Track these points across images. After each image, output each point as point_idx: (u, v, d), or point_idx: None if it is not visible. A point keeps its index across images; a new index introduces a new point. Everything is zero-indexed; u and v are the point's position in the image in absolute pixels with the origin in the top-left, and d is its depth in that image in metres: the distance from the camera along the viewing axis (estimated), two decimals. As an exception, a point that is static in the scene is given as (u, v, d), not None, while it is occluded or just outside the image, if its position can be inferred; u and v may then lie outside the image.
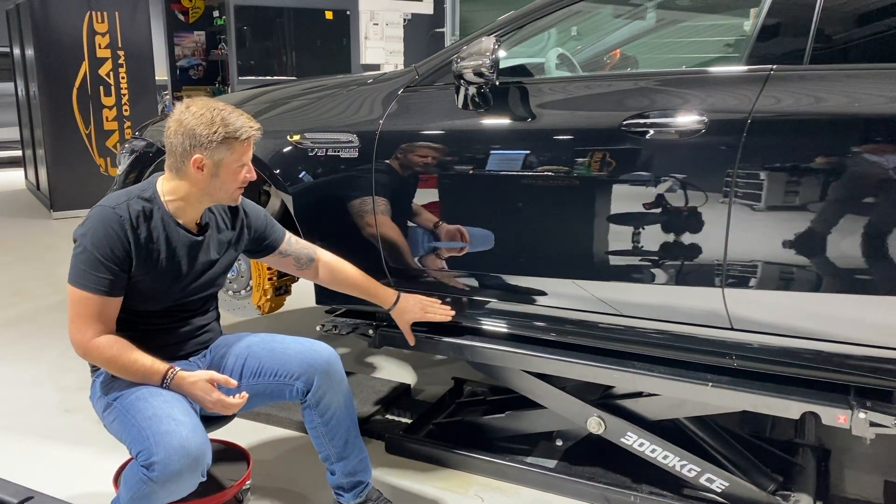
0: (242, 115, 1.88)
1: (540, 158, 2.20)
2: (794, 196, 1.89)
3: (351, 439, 2.08)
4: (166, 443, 1.65)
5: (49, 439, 2.74)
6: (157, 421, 1.70)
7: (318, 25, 8.04)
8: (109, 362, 1.82)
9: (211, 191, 1.90)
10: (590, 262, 2.17)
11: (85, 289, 1.79)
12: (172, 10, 8.77)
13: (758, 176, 1.91)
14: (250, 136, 1.87)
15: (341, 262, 2.31)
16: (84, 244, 1.80)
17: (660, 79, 2.15)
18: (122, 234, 1.81)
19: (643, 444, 2.26)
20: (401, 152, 2.38)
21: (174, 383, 1.82)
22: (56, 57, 6.42)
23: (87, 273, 1.79)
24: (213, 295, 2.10)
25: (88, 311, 1.80)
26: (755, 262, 1.96)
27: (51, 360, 3.44)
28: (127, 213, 1.83)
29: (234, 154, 1.85)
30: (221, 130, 1.82)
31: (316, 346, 2.05)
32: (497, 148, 2.27)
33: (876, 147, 1.81)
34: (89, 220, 1.83)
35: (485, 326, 2.41)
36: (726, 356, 2.08)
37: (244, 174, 1.91)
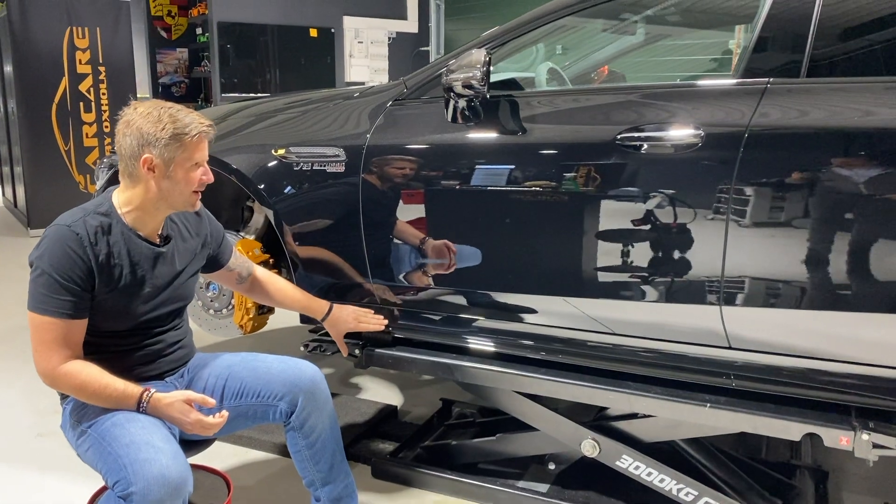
0: (193, 112, 1.81)
1: (532, 173, 2.15)
2: (794, 212, 1.84)
3: (336, 463, 2.00)
4: (145, 472, 1.56)
5: (21, 465, 2.63)
6: (136, 448, 1.60)
7: (303, 43, 8.00)
8: (80, 389, 1.72)
9: (166, 195, 1.80)
10: (585, 279, 2.11)
11: (46, 313, 1.69)
12: (155, 26, 8.71)
13: (756, 190, 1.86)
14: (201, 132, 1.77)
15: (273, 275, 2.32)
16: (41, 267, 1.70)
17: (655, 92, 2.11)
18: (80, 253, 1.71)
19: (639, 468, 2.19)
20: (389, 167, 2.31)
21: (150, 406, 1.73)
22: (35, 72, 6.32)
23: (48, 297, 1.69)
24: (181, 308, 2.00)
25: (52, 336, 1.70)
26: (754, 280, 1.91)
27: (24, 382, 3.32)
28: (84, 230, 1.73)
29: (185, 152, 1.76)
30: (170, 127, 1.73)
31: (300, 364, 1.97)
32: (487, 162, 2.22)
33: (874, 161, 1.77)
34: (45, 241, 1.73)
35: (474, 345, 2.34)
36: (724, 376, 2.03)
37: (199, 175, 1.82)
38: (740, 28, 4.13)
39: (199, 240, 2.01)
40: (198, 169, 1.81)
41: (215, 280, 2.34)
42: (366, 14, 8.15)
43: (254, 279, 2.24)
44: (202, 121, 1.79)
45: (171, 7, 8.76)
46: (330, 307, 2.31)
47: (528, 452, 2.47)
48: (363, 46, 8.13)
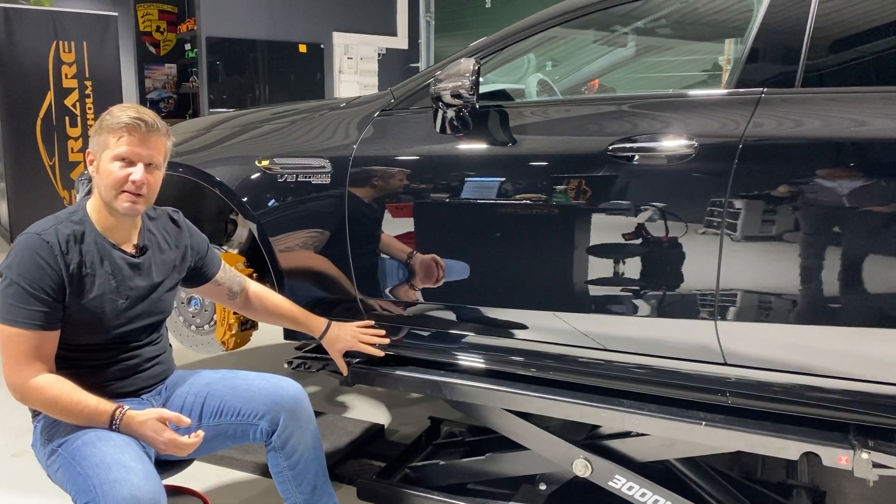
0: (138, 109, 1.74)
1: (522, 184, 2.10)
2: (789, 224, 1.80)
3: (319, 485, 1.92)
4: (115, 493, 1.49)
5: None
6: (106, 468, 1.53)
7: (292, 59, 7.97)
8: (50, 405, 1.64)
9: (101, 192, 1.74)
10: (577, 293, 2.05)
11: (16, 325, 1.63)
12: (143, 42, 8.68)
13: (751, 202, 1.82)
14: (129, 123, 1.69)
15: (269, 291, 2.23)
16: (10, 276, 1.64)
17: (647, 102, 2.07)
18: (51, 262, 1.65)
19: (632, 488, 2.12)
20: (375, 178, 2.26)
21: (123, 424, 1.65)
22: (20, 86, 6.24)
23: (17, 308, 1.63)
24: (159, 322, 1.93)
25: (22, 349, 1.63)
26: (749, 294, 1.86)
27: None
28: (55, 239, 1.67)
29: (107, 142, 1.71)
30: (105, 118, 1.73)
31: (282, 382, 1.90)
32: (476, 174, 2.17)
33: (870, 173, 1.73)
34: (14, 250, 1.67)
35: (464, 362, 2.27)
36: (719, 393, 1.97)
37: (122, 173, 1.70)
38: (730, 42, 4.12)
39: (178, 252, 1.94)
40: (124, 164, 1.71)
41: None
42: (356, 30, 8.15)
43: (247, 295, 2.16)
44: (138, 114, 1.72)
45: (160, 22, 8.74)
46: (328, 324, 2.24)
47: (518, 472, 2.40)
48: (353, 62, 8.12)
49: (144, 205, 1.77)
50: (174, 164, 2.53)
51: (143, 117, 1.72)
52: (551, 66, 3.42)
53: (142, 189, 1.73)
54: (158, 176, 1.80)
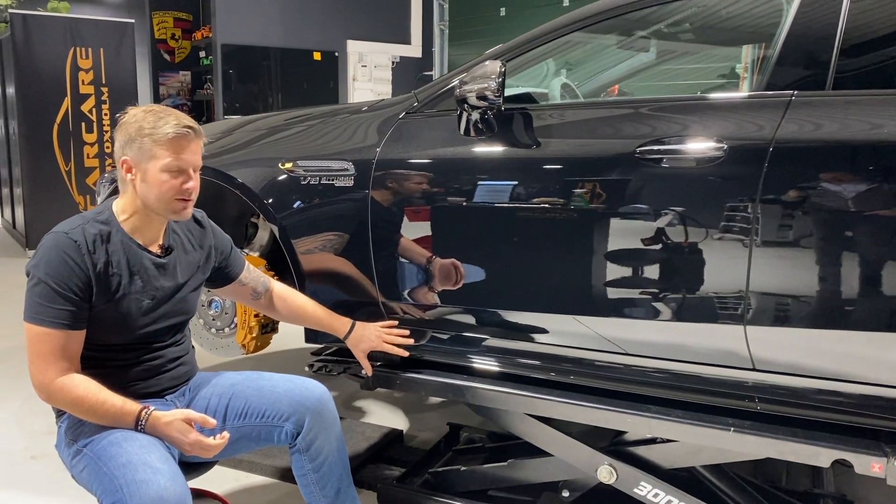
0: (182, 117, 1.72)
1: (547, 187, 2.08)
2: (821, 227, 1.78)
3: (343, 488, 1.90)
4: (142, 493, 1.47)
5: (13, 488, 2.53)
6: (132, 469, 1.52)
7: (306, 67, 8.00)
8: (76, 404, 1.63)
9: (144, 199, 1.72)
10: (607, 298, 2.03)
11: (43, 324, 1.62)
12: (159, 49, 8.73)
13: (781, 205, 1.80)
14: (177, 133, 1.68)
15: (293, 291, 2.22)
16: (38, 275, 1.63)
17: (675, 105, 2.05)
18: (78, 261, 1.64)
19: (658, 495, 2.09)
20: (399, 181, 2.25)
21: (149, 425, 1.64)
22: (37, 93, 6.29)
23: (45, 307, 1.62)
24: (183, 323, 1.92)
25: (49, 348, 1.62)
26: (779, 299, 1.84)
27: (17, 404, 3.23)
28: (82, 238, 1.66)
29: (156, 153, 1.68)
30: (146, 127, 1.67)
31: (307, 383, 1.89)
32: (501, 176, 2.16)
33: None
34: (42, 249, 1.66)
35: (489, 366, 2.25)
36: (748, 399, 1.94)
37: (178, 181, 1.71)
38: (748, 47, 4.10)
39: (202, 252, 1.94)
40: (177, 173, 1.71)
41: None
42: (370, 38, 8.18)
43: (272, 295, 2.16)
44: (182, 122, 1.70)
45: (175, 30, 8.78)
46: (352, 325, 2.22)
47: (540, 479, 2.37)
48: (367, 70, 8.14)
49: (192, 207, 1.80)
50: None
51: (188, 125, 1.72)
52: (566, 72, 3.41)
53: (192, 194, 1.75)
54: (198, 177, 1.81)
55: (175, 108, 6.12)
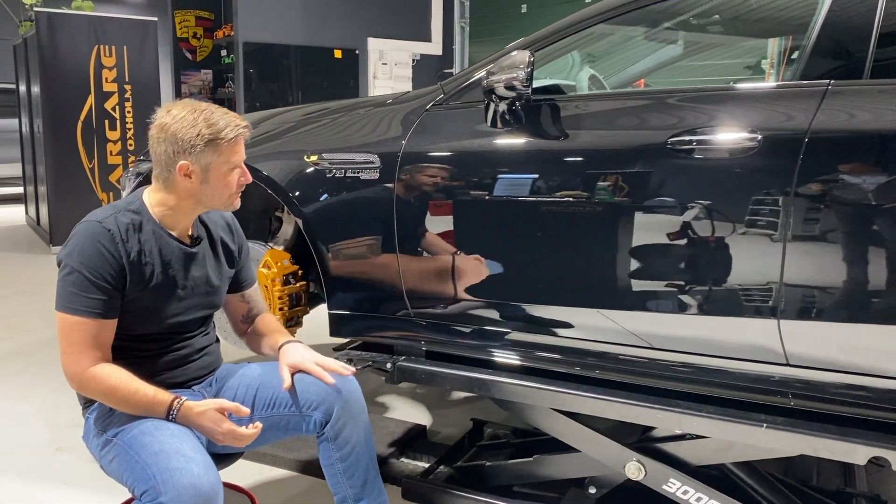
0: (228, 113, 1.73)
1: (577, 179, 2.05)
2: (858, 219, 1.74)
3: (370, 479, 1.89)
4: (175, 481, 1.47)
5: (39, 480, 2.53)
6: (165, 457, 1.51)
7: (327, 65, 8.02)
8: (108, 394, 1.63)
9: (203, 199, 1.74)
10: (637, 292, 2.00)
11: (76, 313, 1.62)
12: (181, 48, 8.78)
13: (817, 196, 1.76)
14: (237, 134, 1.70)
15: (266, 319, 2.06)
16: (71, 264, 1.63)
17: (707, 94, 2.02)
18: (112, 250, 1.64)
19: (688, 492, 2.06)
20: (425, 173, 2.23)
21: (181, 415, 1.64)
22: (62, 90, 6.34)
23: (77, 296, 1.62)
24: (210, 316, 1.93)
25: (81, 337, 1.62)
26: (814, 293, 1.80)
27: (43, 396, 3.25)
28: (116, 227, 1.67)
29: (221, 156, 1.69)
30: (206, 133, 1.66)
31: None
32: (529, 168, 2.13)
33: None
34: (74, 238, 1.66)
35: (512, 361, 2.23)
36: (781, 395, 1.91)
37: (238, 178, 1.75)
38: (773, 41, 4.05)
39: (233, 246, 1.95)
40: (235, 171, 1.74)
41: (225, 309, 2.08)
42: (390, 36, 8.18)
43: (256, 322, 2.04)
44: (238, 122, 1.72)
45: (197, 29, 8.83)
46: (292, 341, 1.94)
47: (567, 475, 2.35)
48: (387, 68, 8.14)
49: None
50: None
51: (245, 124, 1.75)
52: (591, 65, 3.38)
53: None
54: None
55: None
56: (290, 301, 2.61)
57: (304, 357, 1.86)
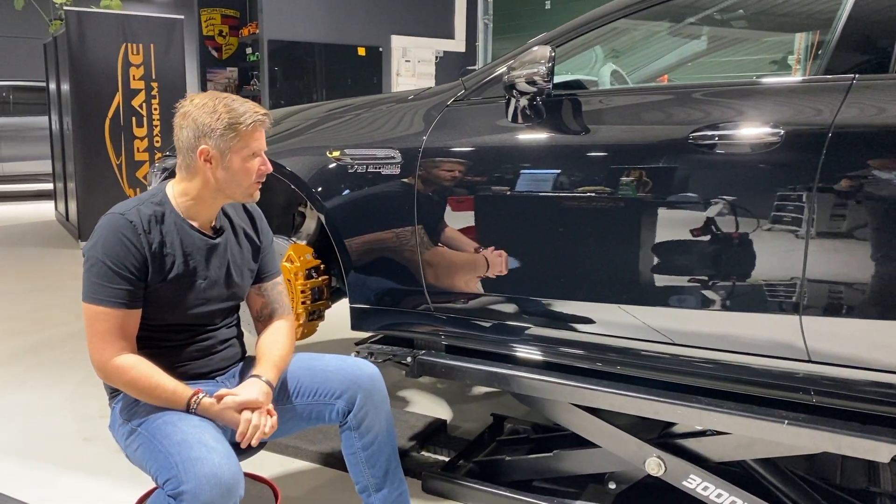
0: (248, 102, 1.77)
1: (597, 174, 2.05)
2: (881, 215, 1.72)
3: (391, 469, 1.91)
4: (197, 470, 1.49)
5: (67, 468, 2.59)
6: (188, 447, 1.54)
7: (351, 62, 8.06)
8: (131, 385, 1.67)
9: (223, 186, 1.76)
10: (656, 288, 2.00)
11: (101, 303, 1.66)
12: (207, 46, 8.88)
13: (840, 192, 1.75)
14: (256, 120, 1.73)
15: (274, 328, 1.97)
16: (95, 256, 1.67)
17: (729, 89, 2.01)
18: (134, 241, 1.68)
19: (707, 488, 2.05)
20: (445, 168, 2.24)
21: (201, 408, 1.67)
22: (90, 88, 6.44)
23: (102, 286, 1.66)
24: (234, 308, 1.95)
25: (106, 327, 1.66)
26: (837, 288, 1.79)
27: (71, 388, 3.31)
28: (138, 219, 1.70)
29: (240, 141, 1.72)
30: (225, 117, 1.70)
31: (358, 362, 1.91)
32: (550, 164, 2.13)
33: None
34: (98, 231, 1.70)
35: (532, 356, 2.24)
36: (802, 391, 1.89)
37: (257, 165, 1.77)
38: (800, 36, 3.99)
39: (254, 237, 1.97)
40: (255, 159, 1.77)
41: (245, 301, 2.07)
42: (413, 33, 8.20)
43: (263, 335, 1.96)
44: (257, 110, 1.75)
45: (223, 27, 8.92)
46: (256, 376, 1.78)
47: (586, 471, 2.35)
48: (410, 65, 8.16)
49: None
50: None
51: (264, 111, 1.77)
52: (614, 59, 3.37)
53: (265, 175, 1.81)
54: None
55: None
56: (312, 295, 2.63)
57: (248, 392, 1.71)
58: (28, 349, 3.87)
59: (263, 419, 1.69)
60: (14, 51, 12.00)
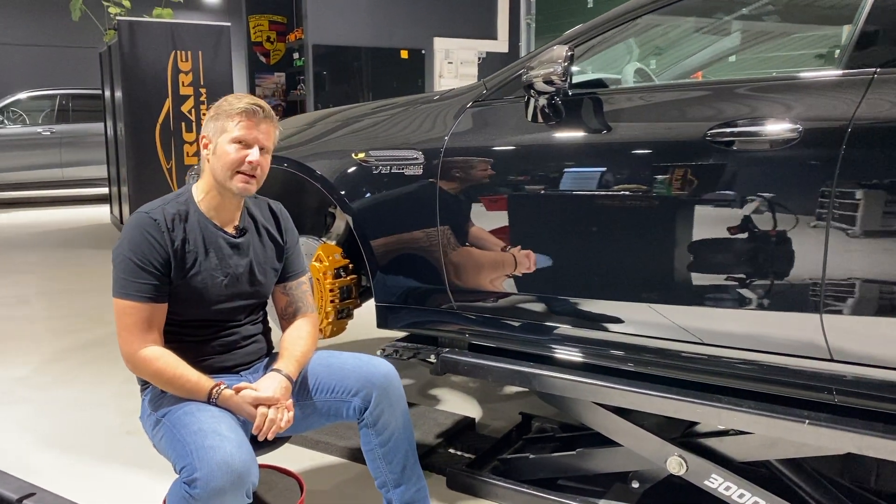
0: (251, 97, 1.85)
1: (615, 173, 2.06)
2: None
3: (409, 465, 1.95)
4: (209, 458, 1.56)
5: (108, 461, 2.70)
6: (202, 436, 1.61)
7: (394, 65, 8.13)
8: (156, 375, 1.76)
9: (216, 172, 1.85)
10: (673, 286, 1.99)
11: (128, 297, 1.75)
12: (255, 52, 9.07)
13: (859, 189, 1.72)
14: (246, 109, 1.80)
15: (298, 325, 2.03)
16: (122, 253, 1.77)
17: (747, 86, 1.99)
18: (158, 238, 1.77)
19: (730, 488, 2.04)
20: (466, 169, 2.27)
21: (221, 400, 1.74)
22: (142, 95, 6.65)
23: (129, 281, 1.75)
24: (258, 305, 2.02)
25: (133, 320, 1.75)
26: (858, 286, 1.75)
27: (116, 384, 3.44)
28: (162, 217, 1.79)
29: (226, 126, 1.81)
30: (223, 105, 1.83)
31: (374, 361, 1.95)
32: (568, 163, 2.15)
33: None
34: (125, 230, 1.80)
35: (555, 354, 2.25)
36: (825, 391, 1.86)
37: (239, 154, 1.80)
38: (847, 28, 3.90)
39: (278, 240, 2.02)
40: (241, 147, 1.81)
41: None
42: (456, 35, 8.23)
43: (286, 332, 2.02)
44: (252, 101, 1.83)
45: (270, 33, 9.10)
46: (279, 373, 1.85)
47: (609, 469, 2.35)
48: (453, 67, 8.19)
49: (256, 185, 1.88)
50: (280, 159, 2.64)
51: (258, 103, 1.85)
52: (653, 56, 3.34)
53: (255, 170, 1.84)
54: (268, 160, 1.90)
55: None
56: (340, 293, 2.69)
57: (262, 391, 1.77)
58: (78, 346, 4.03)
59: (280, 414, 1.74)
60: (73, 60, 12.47)
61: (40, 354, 3.90)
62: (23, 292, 5.34)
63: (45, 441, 2.87)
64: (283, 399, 1.78)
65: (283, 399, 1.78)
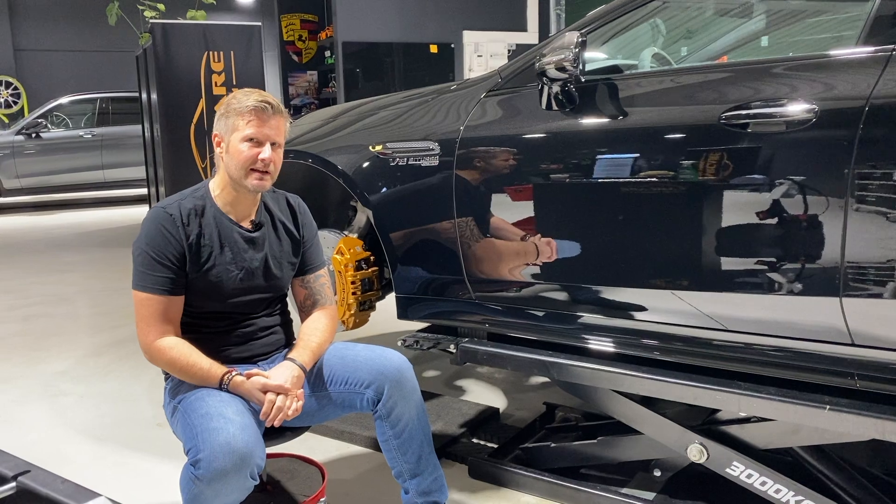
0: (260, 92, 1.86)
1: (630, 159, 2.04)
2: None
3: (424, 455, 1.96)
4: (213, 440, 1.60)
5: (139, 452, 2.77)
6: (208, 419, 1.65)
7: (424, 60, 8.15)
8: (170, 364, 1.80)
9: (230, 170, 1.86)
10: (688, 272, 1.97)
11: (145, 290, 1.80)
12: (287, 51, 9.17)
13: (878, 170, 1.68)
14: (255, 106, 1.81)
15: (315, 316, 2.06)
16: (140, 247, 1.81)
17: (761, 67, 1.95)
18: (174, 232, 1.81)
19: (751, 476, 2.01)
20: (482, 158, 2.27)
21: (232, 386, 1.78)
22: (176, 96, 6.76)
23: (146, 274, 1.80)
24: (275, 300, 2.04)
25: (150, 312, 1.80)
26: (878, 269, 1.71)
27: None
28: (178, 212, 1.83)
29: (236, 123, 1.82)
30: (232, 103, 1.84)
31: (387, 353, 1.96)
32: (583, 150, 2.13)
33: None
34: (143, 225, 1.84)
35: (575, 343, 2.24)
36: (846, 376, 1.82)
37: (253, 152, 1.82)
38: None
39: (295, 235, 2.04)
40: (252, 145, 1.83)
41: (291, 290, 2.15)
42: (485, 28, 8.21)
43: (305, 323, 2.04)
44: (261, 97, 1.84)
45: (302, 31, 9.19)
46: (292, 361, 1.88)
47: (630, 457, 2.33)
48: (482, 60, 8.17)
49: (270, 181, 1.90)
50: (303, 153, 2.67)
51: (267, 100, 1.85)
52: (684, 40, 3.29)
53: (269, 167, 1.86)
54: (281, 154, 1.92)
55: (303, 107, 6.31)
56: (362, 285, 2.71)
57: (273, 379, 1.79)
58: (114, 342, 4.14)
59: (289, 402, 1.77)
60: (112, 64, 12.76)
61: (80, 350, 4.02)
62: (65, 290, 5.49)
63: (81, 432, 2.96)
64: (295, 388, 1.81)
65: (295, 388, 1.81)
